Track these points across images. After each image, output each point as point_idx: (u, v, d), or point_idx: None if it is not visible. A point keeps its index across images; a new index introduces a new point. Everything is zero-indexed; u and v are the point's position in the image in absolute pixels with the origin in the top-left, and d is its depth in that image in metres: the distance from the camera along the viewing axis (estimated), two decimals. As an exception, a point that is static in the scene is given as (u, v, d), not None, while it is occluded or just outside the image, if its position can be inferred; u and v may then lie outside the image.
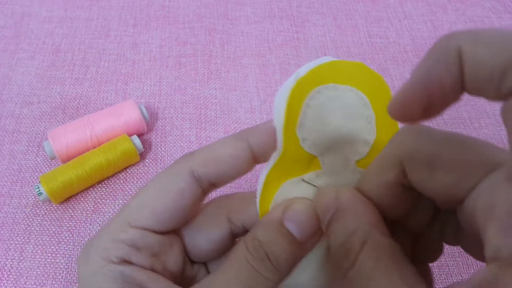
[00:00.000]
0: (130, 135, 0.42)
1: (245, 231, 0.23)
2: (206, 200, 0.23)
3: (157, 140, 0.45)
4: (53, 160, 0.42)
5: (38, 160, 0.42)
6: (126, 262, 0.19)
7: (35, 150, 0.43)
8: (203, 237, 0.23)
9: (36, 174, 0.41)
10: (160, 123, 0.46)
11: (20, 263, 0.36)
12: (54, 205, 0.39)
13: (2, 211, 0.39)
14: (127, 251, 0.20)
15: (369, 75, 0.21)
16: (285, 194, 0.21)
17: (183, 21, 0.57)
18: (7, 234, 0.38)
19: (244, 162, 0.21)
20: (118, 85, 0.49)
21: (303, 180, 0.20)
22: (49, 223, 0.38)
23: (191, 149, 0.45)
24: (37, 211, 0.39)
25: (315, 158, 0.20)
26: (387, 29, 0.59)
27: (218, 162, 0.20)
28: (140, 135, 0.44)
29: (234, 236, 0.23)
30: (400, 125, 0.20)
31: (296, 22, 0.59)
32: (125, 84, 0.50)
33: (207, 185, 0.21)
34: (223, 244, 0.23)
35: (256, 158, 0.21)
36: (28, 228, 0.38)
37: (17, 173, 0.41)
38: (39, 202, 0.40)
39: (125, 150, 0.40)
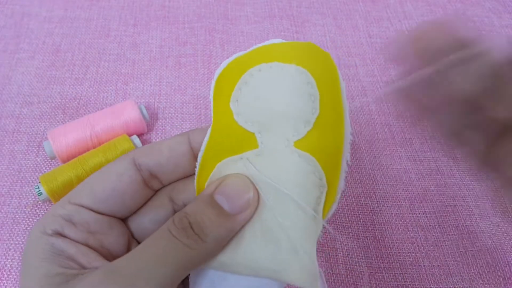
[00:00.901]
0: (130, 135, 0.42)
1: None
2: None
3: (157, 140, 0.45)
4: (53, 160, 0.42)
5: (38, 160, 0.42)
6: (60, 235, 0.20)
7: (35, 150, 0.43)
8: (147, 218, 0.23)
9: (36, 174, 0.41)
10: (160, 123, 0.46)
11: (20, 263, 0.36)
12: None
13: (2, 211, 0.39)
14: (62, 224, 0.20)
15: (317, 54, 0.20)
16: (221, 173, 0.21)
17: (183, 21, 0.57)
18: (7, 234, 0.38)
19: (181, 154, 0.22)
20: (118, 85, 0.49)
21: (241, 159, 0.20)
22: (49, 223, 0.38)
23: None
24: (37, 211, 0.39)
25: (252, 135, 0.20)
26: (387, 29, 0.59)
27: (157, 152, 0.22)
28: (140, 135, 0.44)
29: None
30: (345, 104, 0.20)
31: (296, 22, 0.59)
32: (125, 84, 0.50)
33: (147, 174, 0.22)
34: None
35: (197, 155, 0.22)
36: (28, 228, 0.38)
37: (17, 173, 0.41)
38: (39, 202, 0.40)
39: (125, 150, 0.40)
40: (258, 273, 0.19)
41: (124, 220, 0.24)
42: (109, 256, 0.22)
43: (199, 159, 0.21)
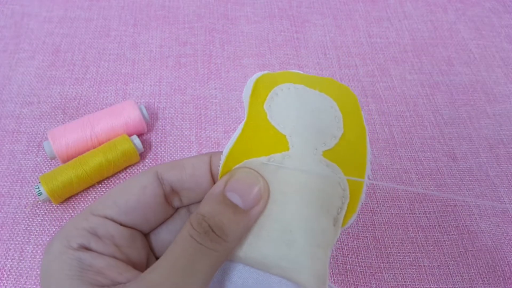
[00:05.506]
0: (130, 135, 0.42)
1: None
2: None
3: (157, 140, 0.45)
4: (53, 160, 0.42)
5: (38, 160, 0.42)
6: (86, 249, 0.19)
7: (35, 150, 0.43)
8: (165, 229, 0.23)
9: (36, 174, 0.41)
10: (160, 123, 0.46)
11: (20, 263, 0.36)
12: (54, 205, 0.39)
13: (2, 211, 0.39)
14: (88, 238, 0.20)
15: (338, 86, 0.23)
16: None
17: (183, 21, 0.57)
18: (7, 234, 0.38)
19: (203, 173, 0.22)
20: (118, 85, 0.49)
21: (269, 160, 0.21)
22: (49, 223, 0.38)
23: (191, 149, 0.45)
24: (37, 211, 0.39)
25: (283, 137, 0.21)
26: (387, 29, 0.59)
27: (180, 167, 0.22)
28: (140, 135, 0.44)
29: None
30: (365, 128, 0.21)
31: (296, 22, 0.59)
32: (125, 84, 0.50)
33: (169, 189, 0.22)
34: None
35: (215, 178, 0.22)
36: (28, 228, 0.38)
37: (17, 173, 0.41)
38: (39, 202, 0.40)
39: (125, 150, 0.40)
40: (270, 270, 0.19)
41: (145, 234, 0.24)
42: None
43: (226, 151, 0.21)
